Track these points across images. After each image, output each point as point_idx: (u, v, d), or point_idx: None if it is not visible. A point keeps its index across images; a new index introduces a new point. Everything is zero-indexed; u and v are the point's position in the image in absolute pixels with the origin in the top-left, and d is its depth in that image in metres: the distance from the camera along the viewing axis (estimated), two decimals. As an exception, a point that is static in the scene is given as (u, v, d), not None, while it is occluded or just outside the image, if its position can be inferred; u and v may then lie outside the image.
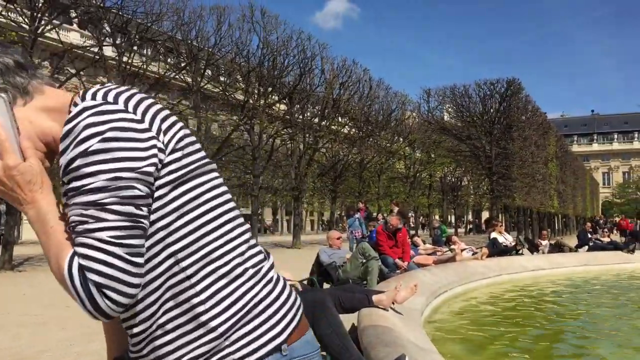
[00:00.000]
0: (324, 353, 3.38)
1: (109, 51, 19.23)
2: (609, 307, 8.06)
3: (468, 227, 58.59)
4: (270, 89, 22.36)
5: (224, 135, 23.20)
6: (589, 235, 16.13)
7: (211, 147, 20.49)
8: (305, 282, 6.48)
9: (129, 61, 18.18)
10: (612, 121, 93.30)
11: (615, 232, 25.99)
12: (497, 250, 12.26)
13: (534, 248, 14.09)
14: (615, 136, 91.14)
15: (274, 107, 23.29)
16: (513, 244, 12.96)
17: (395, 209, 13.36)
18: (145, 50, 21.52)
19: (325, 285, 7.35)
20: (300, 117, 23.23)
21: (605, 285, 10.71)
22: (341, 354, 3.33)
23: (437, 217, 41.54)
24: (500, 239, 13.01)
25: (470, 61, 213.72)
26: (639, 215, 25.32)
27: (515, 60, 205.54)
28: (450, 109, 27.18)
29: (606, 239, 16.28)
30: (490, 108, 23.45)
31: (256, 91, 22.30)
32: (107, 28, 18.33)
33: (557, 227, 38.01)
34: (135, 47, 19.23)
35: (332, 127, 24.69)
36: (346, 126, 26.28)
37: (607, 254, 14.63)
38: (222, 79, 23.71)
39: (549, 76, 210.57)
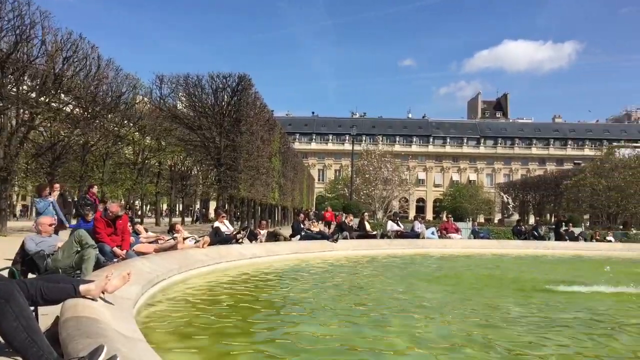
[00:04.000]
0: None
1: None
2: (314, 290, 8.96)
3: (195, 216, 59.17)
4: (-25, 53, 19.30)
5: None
6: (302, 226, 17.68)
7: None
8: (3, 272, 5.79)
9: None
10: (329, 123, 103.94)
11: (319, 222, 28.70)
12: (219, 239, 12.65)
13: (253, 237, 14.90)
14: (331, 137, 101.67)
15: (-20, 75, 20.19)
16: (235, 233, 13.52)
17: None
18: None
19: (31, 276, 6.70)
20: (14, 89, 20.60)
21: (310, 270, 11.85)
22: (27, 349, 3.07)
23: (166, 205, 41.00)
24: (223, 228, 13.47)
25: (207, 52, 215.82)
26: (345, 208, 28.58)
27: (248, 57, 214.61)
28: (183, 98, 27.00)
29: (316, 229, 18.01)
30: (221, 101, 23.98)
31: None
32: None
33: (277, 218, 40.84)
34: None
35: (53, 104, 22.48)
36: (69, 105, 24.20)
37: (316, 242, 16.27)
38: None
39: (278, 77, 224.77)
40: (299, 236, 16.87)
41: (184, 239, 11.20)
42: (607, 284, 9.69)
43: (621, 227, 36.58)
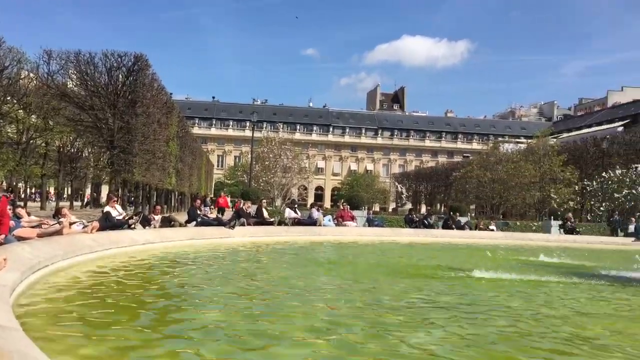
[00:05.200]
0: None
1: None
2: (207, 277, 8.86)
3: (85, 201, 56.42)
4: None
5: None
6: (198, 212, 17.39)
7: None
8: None
9: None
10: (230, 109, 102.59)
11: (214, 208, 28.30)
12: (109, 224, 12.18)
13: (146, 223, 14.46)
14: (231, 123, 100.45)
15: None
16: (127, 218, 13.05)
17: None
18: None
19: None
20: None
21: (205, 257, 11.71)
22: None
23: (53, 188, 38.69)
24: (114, 213, 12.96)
25: (102, 29, 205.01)
26: (244, 195, 28.40)
27: (146, 36, 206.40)
28: (73, 76, 25.50)
29: (213, 215, 17.78)
30: (116, 80, 22.91)
31: None
32: None
33: (173, 204, 39.84)
34: None
35: None
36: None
37: (212, 229, 16.07)
38: None
39: (177, 59, 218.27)
40: (194, 222, 16.58)
41: (71, 223, 10.67)
42: (488, 270, 10.37)
43: (501, 216, 39.17)
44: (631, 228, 26.76)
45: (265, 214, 20.87)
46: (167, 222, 15.43)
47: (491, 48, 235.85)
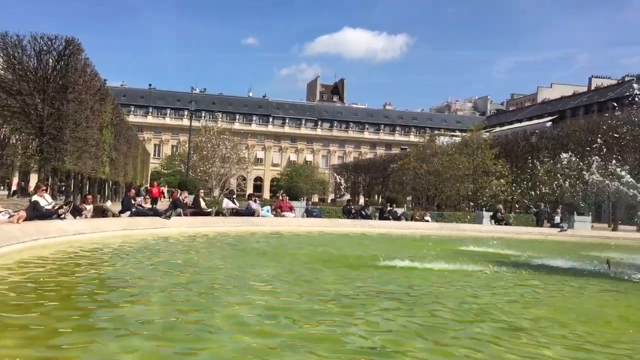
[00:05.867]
0: None
1: None
2: (140, 268, 8.70)
3: (12, 190, 53.96)
4: None
5: None
6: (133, 202, 17.00)
7: None
8: None
9: None
10: (167, 97, 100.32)
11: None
12: (38, 214, 11.74)
13: (77, 213, 14.01)
14: (169, 111, 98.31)
15: None
16: (56, 207, 12.61)
17: None
18: None
19: None
20: None
21: (139, 248, 11.47)
22: None
23: None
24: (43, 203, 12.50)
25: (30, 11, 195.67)
26: (181, 185, 27.94)
27: (79, 20, 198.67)
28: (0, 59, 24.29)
29: (148, 206, 17.44)
30: (46, 65, 21.98)
31: None
32: None
33: (107, 193, 38.70)
34: None
35: None
36: None
37: (147, 219, 15.76)
38: None
39: (113, 44, 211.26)
40: (129, 212, 16.21)
41: (-4, 213, 10.22)
42: (421, 259, 10.67)
43: (436, 208, 40.23)
44: (557, 219, 28.08)
45: (203, 204, 20.64)
46: (100, 212, 15.01)
47: (429, 43, 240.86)
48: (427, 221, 28.07)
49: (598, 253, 14.08)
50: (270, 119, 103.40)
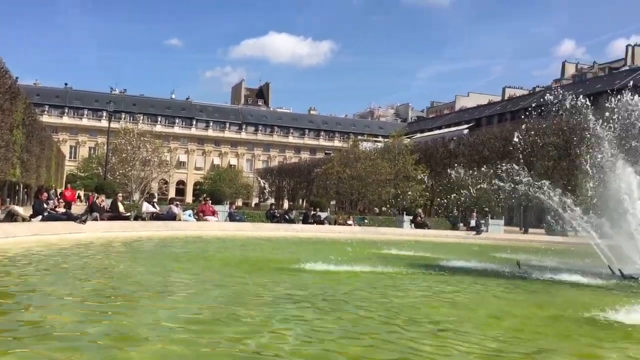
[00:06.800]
0: None
1: None
2: (50, 274, 8.32)
3: None
4: None
5: None
6: (45, 205, 16.22)
7: None
8: None
9: None
10: (85, 97, 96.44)
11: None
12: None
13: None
14: (86, 112, 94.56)
15: None
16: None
17: None
18: None
19: None
20: None
21: (51, 253, 10.96)
22: None
23: None
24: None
25: None
26: (98, 188, 26.93)
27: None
28: None
29: (62, 210, 16.71)
30: (-51, 59, 20.66)
31: None
32: None
33: (20, 197, 36.71)
34: None
35: None
36: None
37: (61, 224, 15.09)
38: None
39: (25, 40, 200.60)
40: (40, 217, 15.45)
41: None
42: (341, 262, 10.81)
43: (359, 212, 40.92)
44: (472, 223, 29.25)
45: (121, 208, 20.02)
46: (9, 217, 14.22)
47: (353, 50, 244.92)
48: (350, 225, 28.47)
49: (510, 255, 14.79)
50: (194, 122, 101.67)
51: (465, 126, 79.58)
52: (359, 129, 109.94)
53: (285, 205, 62.65)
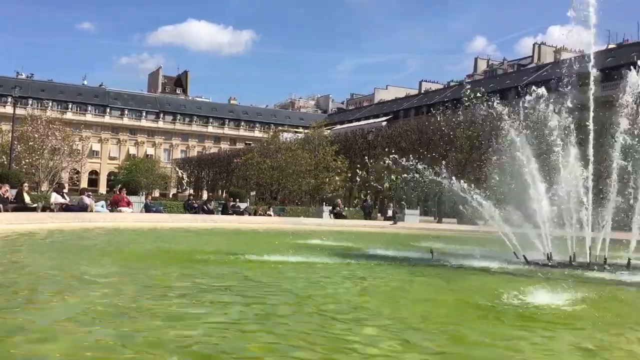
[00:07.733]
0: None
1: None
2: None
3: None
4: None
5: None
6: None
7: None
8: None
9: None
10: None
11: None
12: None
13: None
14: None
15: None
16: None
17: None
18: None
19: None
20: None
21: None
22: None
23: None
24: None
25: None
26: (1, 178, 25.34)
27: None
28: None
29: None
30: None
31: None
32: None
33: None
34: None
35: None
36: None
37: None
38: None
39: None
40: None
41: None
42: (262, 253, 10.74)
43: (279, 202, 40.93)
44: (389, 212, 30.01)
45: (27, 198, 18.99)
46: None
47: (275, 40, 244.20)
48: (270, 215, 28.42)
49: (425, 243, 15.24)
50: (108, 110, 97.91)
51: (384, 118, 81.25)
52: (279, 119, 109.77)
53: (205, 196, 61.61)
